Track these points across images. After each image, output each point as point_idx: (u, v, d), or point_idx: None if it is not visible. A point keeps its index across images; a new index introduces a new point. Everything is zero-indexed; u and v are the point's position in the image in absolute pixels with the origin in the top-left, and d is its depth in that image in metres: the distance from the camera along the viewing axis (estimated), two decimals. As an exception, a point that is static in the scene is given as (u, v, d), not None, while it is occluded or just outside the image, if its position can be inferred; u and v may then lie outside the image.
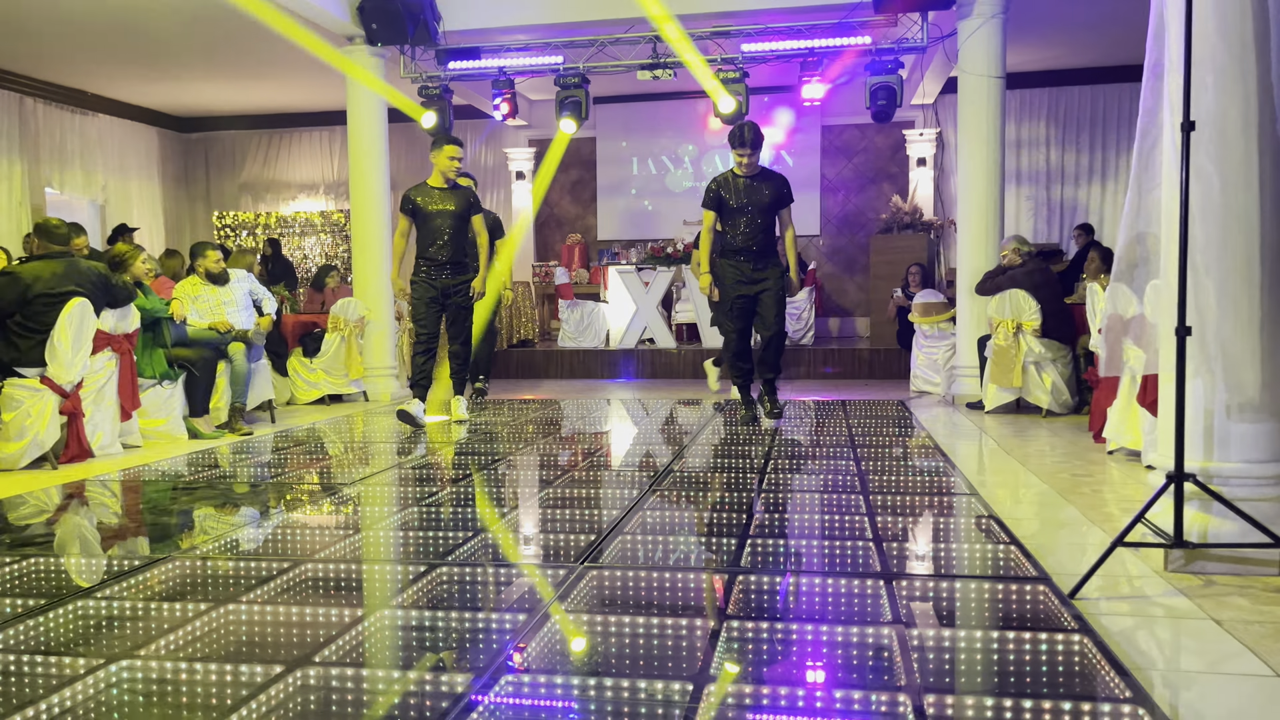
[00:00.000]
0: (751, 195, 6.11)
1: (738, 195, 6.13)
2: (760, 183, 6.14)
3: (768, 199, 6.12)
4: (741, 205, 6.11)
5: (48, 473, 5.16)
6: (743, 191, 6.12)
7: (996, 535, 3.35)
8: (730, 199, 6.13)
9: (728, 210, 6.13)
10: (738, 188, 6.14)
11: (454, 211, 6.45)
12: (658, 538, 3.40)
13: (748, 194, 6.11)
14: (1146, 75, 3.42)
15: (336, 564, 3.10)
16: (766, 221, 6.14)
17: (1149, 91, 3.42)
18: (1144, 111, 3.48)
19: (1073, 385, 6.94)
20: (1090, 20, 9.51)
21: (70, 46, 9.76)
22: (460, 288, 6.55)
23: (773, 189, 6.14)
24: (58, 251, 5.55)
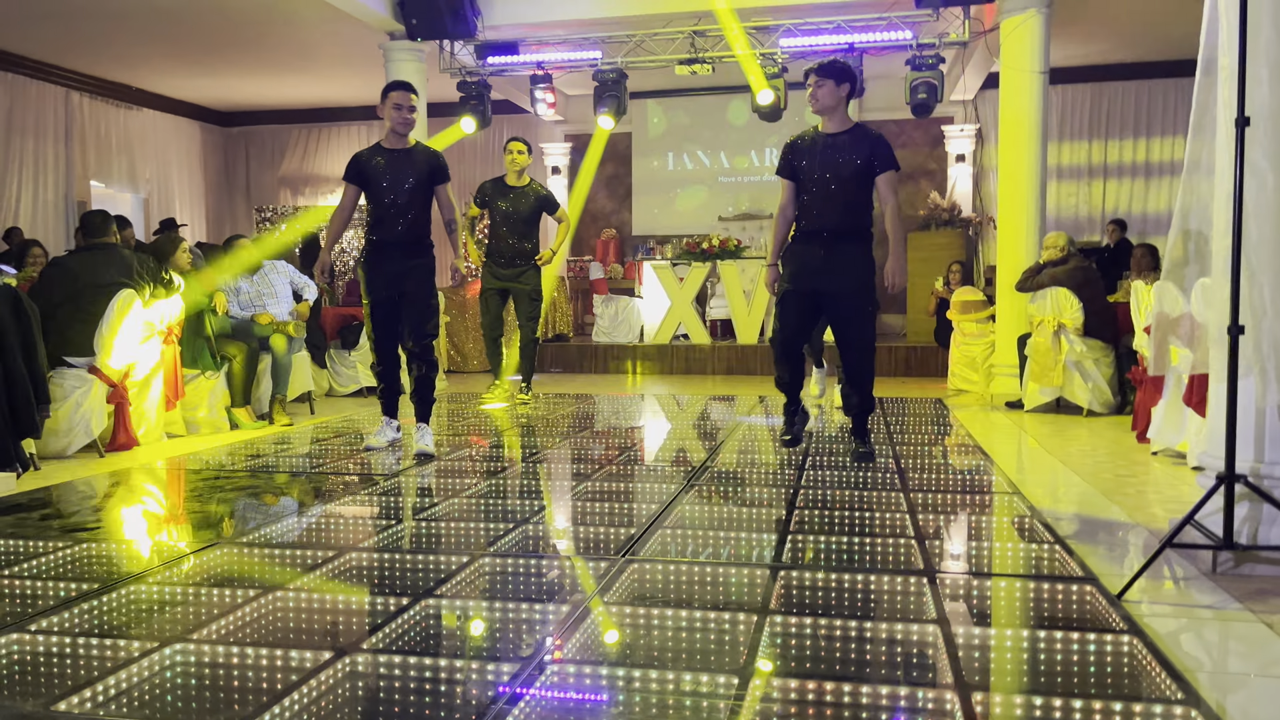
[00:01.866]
0: (829, 158, 4.56)
1: (813, 158, 4.59)
2: (849, 141, 4.58)
3: (853, 164, 4.52)
4: (815, 173, 4.58)
5: (95, 460, 5.25)
6: (819, 153, 4.58)
7: (1040, 535, 3.32)
8: (804, 162, 4.61)
9: (801, 180, 4.65)
10: (815, 148, 4.61)
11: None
12: (697, 532, 3.40)
13: (824, 156, 4.57)
14: (1200, 70, 3.37)
15: (380, 553, 3.13)
16: (849, 196, 4.56)
17: (1202, 87, 3.36)
18: (1196, 107, 3.42)
19: (1115, 385, 6.85)
20: (1135, 15, 9.36)
21: (115, 42, 9.92)
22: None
23: (862, 151, 4.54)
24: (103, 243, 5.65)
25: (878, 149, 4.56)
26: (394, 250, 5.06)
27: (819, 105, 4.60)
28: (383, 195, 5.03)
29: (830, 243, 4.57)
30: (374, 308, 5.12)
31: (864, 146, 4.55)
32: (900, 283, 4.64)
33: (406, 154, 5.08)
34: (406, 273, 5.06)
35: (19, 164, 10.65)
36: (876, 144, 4.57)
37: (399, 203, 5.02)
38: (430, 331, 5.15)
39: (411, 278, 5.08)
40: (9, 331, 4.77)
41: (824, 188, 4.56)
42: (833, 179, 4.54)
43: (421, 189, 5.08)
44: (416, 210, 5.08)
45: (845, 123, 4.65)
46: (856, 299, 4.61)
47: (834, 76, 4.56)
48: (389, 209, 5.03)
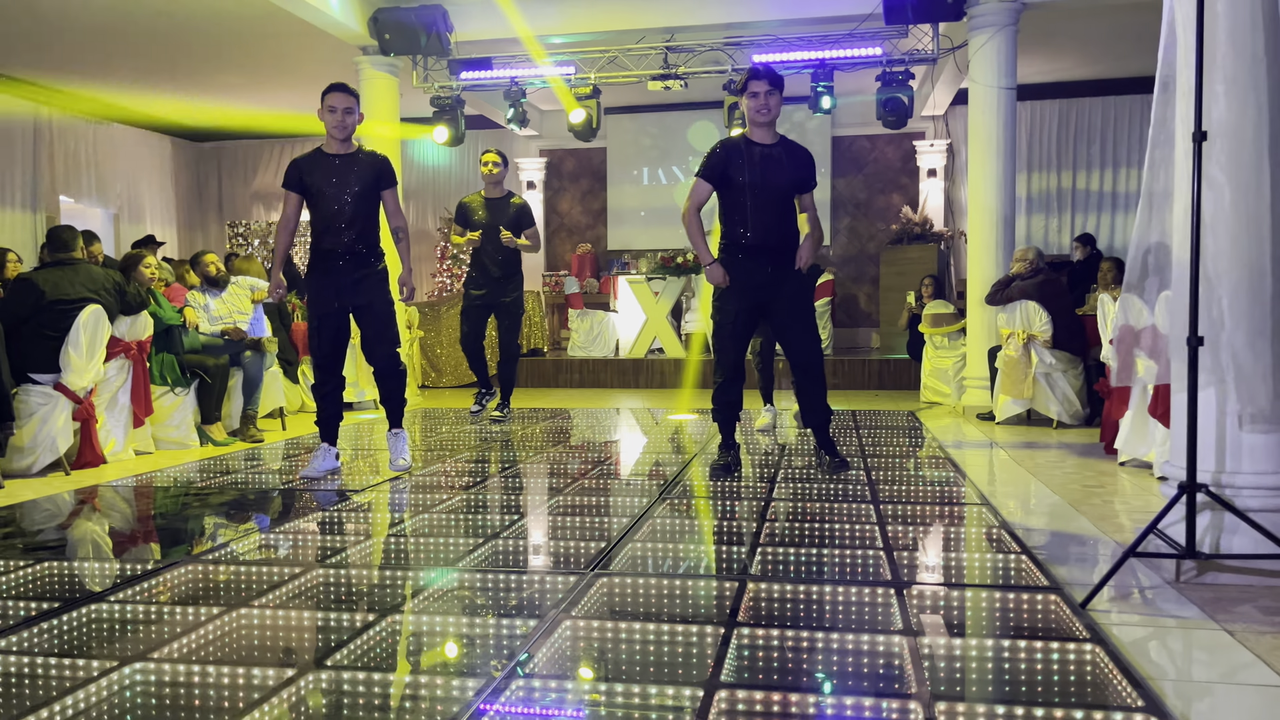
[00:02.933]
0: (770, 170, 4.50)
1: (753, 168, 4.49)
2: (783, 154, 4.56)
3: (789, 178, 4.54)
4: (754, 181, 4.49)
5: (61, 478, 5.19)
6: (759, 163, 4.49)
7: (1007, 545, 3.34)
8: (741, 172, 4.50)
9: (733, 188, 4.52)
10: (753, 157, 4.50)
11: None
12: (667, 545, 3.40)
13: (764, 167, 4.49)
14: (1158, 86, 3.43)
15: (347, 569, 3.11)
16: (786, 208, 4.58)
17: (1160, 103, 3.42)
18: (1155, 122, 3.48)
19: (1084, 396, 6.92)
20: (1100, 33, 9.52)
21: (85, 57, 9.85)
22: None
23: (798, 165, 4.58)
24: (71, 259, 5.59)
25: (809, 165, 4.65)
26: (342, 261, 4.78)
27: (770, 115, 4.49)
28: (327, 203, 4.76)
29: (773, 258, 4.56)
30: (320, 322, 4.83)
31: (798, 161, 4.60)
32: (808, 262, 4.63)
33: (350, 159, 4.81)
34: (357, 283, 4.80)
35: (-14, 179, 10.55)
36: (807, 160, 4.65)
37: (345, 210, 4.75)
38: (393, 339, 4.95)
39: (363, 288, 4.82)
40: (-28, 348, 4.72)
41: (763, 199, 4.50)
42: (772, 191, 4.51)
43: (368, 195, 4.81)
44: (364, 217, 4.81)
45: (775, 134, 4.62)
46: (804, 308, 4.67)
47: (780, 86, 4.52)
48: (335, 217, 4.76)
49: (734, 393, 4.75)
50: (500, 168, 6.86)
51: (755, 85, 4.48)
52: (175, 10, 8.33)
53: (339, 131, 4.78)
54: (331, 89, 4.81)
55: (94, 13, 8.41)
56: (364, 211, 4.83)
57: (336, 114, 4.75)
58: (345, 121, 4.78)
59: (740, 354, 4.71)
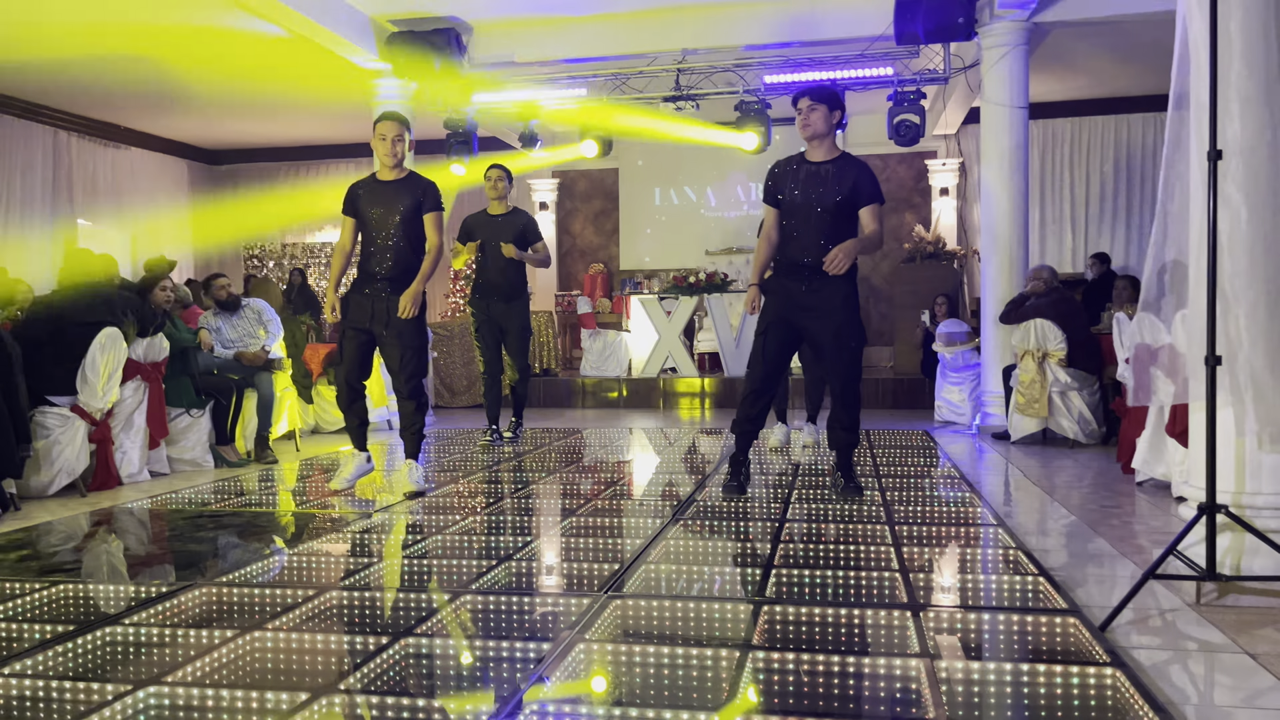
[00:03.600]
0: (813, 187, 4.45)
1: (795, 185, 4.47)
2: (834, 170, 4.47)
3: (837, 194, 4.41)
4: (798, 201, 4.46)
5: (77, 500, 5.21)
6: (803, 182, 4.47)
7: (1024, 567, 3.31)
8: (787, 190, 4.51)
9: (781, 206, 4.54)
10: (799, 176, 4.49)
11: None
12: (681, 567, 3.38)
13: (807, 185, 4.46)
14: (1171, 105, 3.42)
15: (360, 592, 3.10)
16: (832, 227, 4.43)
17: (1174, 120, 3.41)
18: (1169, 141, 3.47)
19: (1100, 415, 6.87)
20: (1112, 51, 9.52)
21: (103, 82, 9.97)
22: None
23: (846, 181, 4.43)
24: (87, 282, 5.64)
25: (862, 179, 4.46)
26: (381, 284, 4.94)
27: (811, 131, 4.49)
28: (372, 227, 4.97)
29: (811, 277, 4.45)
30: (349, 335, 4.96)
31: (848, 176, 4.45)
32: (837, 265, 4.31)
33: (397, 185, 4.99)
34: (391, 310, 4.92)
35: (5, 202, 10.66)
36: (861, 174, 4.47)
37: (387, 235, 4.94)
38: (418, 370, 5.00)
39: (395, 320, 4.91)
40: (-10, 371, 4.75)
41: (807, 217, 4.45)
42: (816, 208, 4.43)
43: (411, 220, 4.96)
44: (406, 243, 4.95)
45: (832, 151, 4.55)
46: (841, 332, 4.48)
47: (827, 102, 4.49)
48: (379, 241, 4.95)
49: (754, 409, 4.65)
50: (504, 182, 6.85)
51: (800, 102, 4.53)
52: (192, 39, 8.42)
53: (389, 159, 4.96)
54: (381, 117, 5.03)
55: (112, 42, 8.51)
56: (407, 236, 4.97)
57: (386, 141, 4.93)
58: (395, 149, 4.95)
59: (769, 370, 4.59)
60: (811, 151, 4.56)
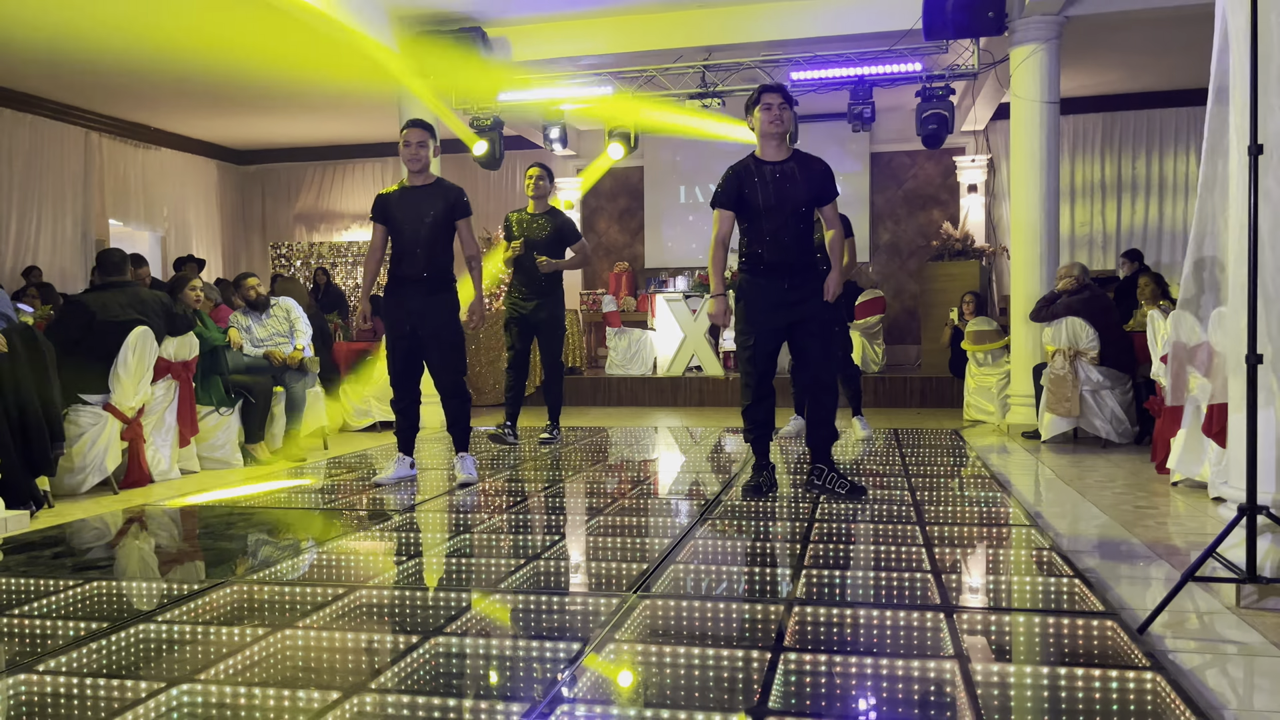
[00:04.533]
0: (785, 188, 4.46)
1: (765, 188, 4.47)
2: (796, 169, 4.50)
3: (805, 192, 4.48)
4: (771, 202, 4.46)
5: (109, 497, 5.26)
6: (771, 183, 4.46)
7: (1058, 568, 3.26)
8: (755, 194, 4.49)
9: (748, 211, 4.51)
10: (764, 177, 4.48)
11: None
12: (710, 566, 3.36)
13: (778, 186, 4.45)
14: (1212, 96, 3.35)
15: (390, 590, 3.11)
16: (803, 225, 4.51)
17: (1214, 114, 3.35)
18: (1209, 134, 3.41)
19: (1133, 414, 6.78)
20: (1144, 45, 9.39)
21: (133, 83, 10.07)
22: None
23: (813, 179, 4.50)
24: (120, 281, 5.69)
25: (826, 177, 4.55)
26: (413, 287, 5.08)
27: (783, 128, 4.47)
28: (402, 232, 5.10)
29: (792, 274, 4.48)
30: (393, 343, 5.17)
31: (814, 174, 4.51)
32: (835, 292, 4.57)
33: (426, 190, 5.14)
34: (426, 310, 5.08)
35: (38, 202, 10.80)
36: (825, 172, 4.55)
37: (418, 239, 5.07)
38: (457, 368, 5.20)
39: (431, 315, 5.09)
40: (25, 369, 4.81)
41: (780, 218, 4.45)
42: (788, 208, 4.46)
43: (441, 225, 5.11)
44: (436, 247, 5.10)
45: (787, 149, 4.58)
46: (825, 322, 4.57)
47: (791, 101, 4.51)
48: (408, 245, 5.09)
49: (760, 413, 4.64)
50: (544, 181, 6.84)
51: (768, 98, 4.48)
52: (218, 40, 8.48)
53: (413, 164, 5.11)
54: (407, 124, 5.22)
55: (141, 43, 8.59)
56: (437, 241, 5.11)
57: (411, 148, 5.10)
58: (419, 154, 5.09)
59: (763, 375, 4.60)
60: (769, 150, 4.53)
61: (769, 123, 4.47)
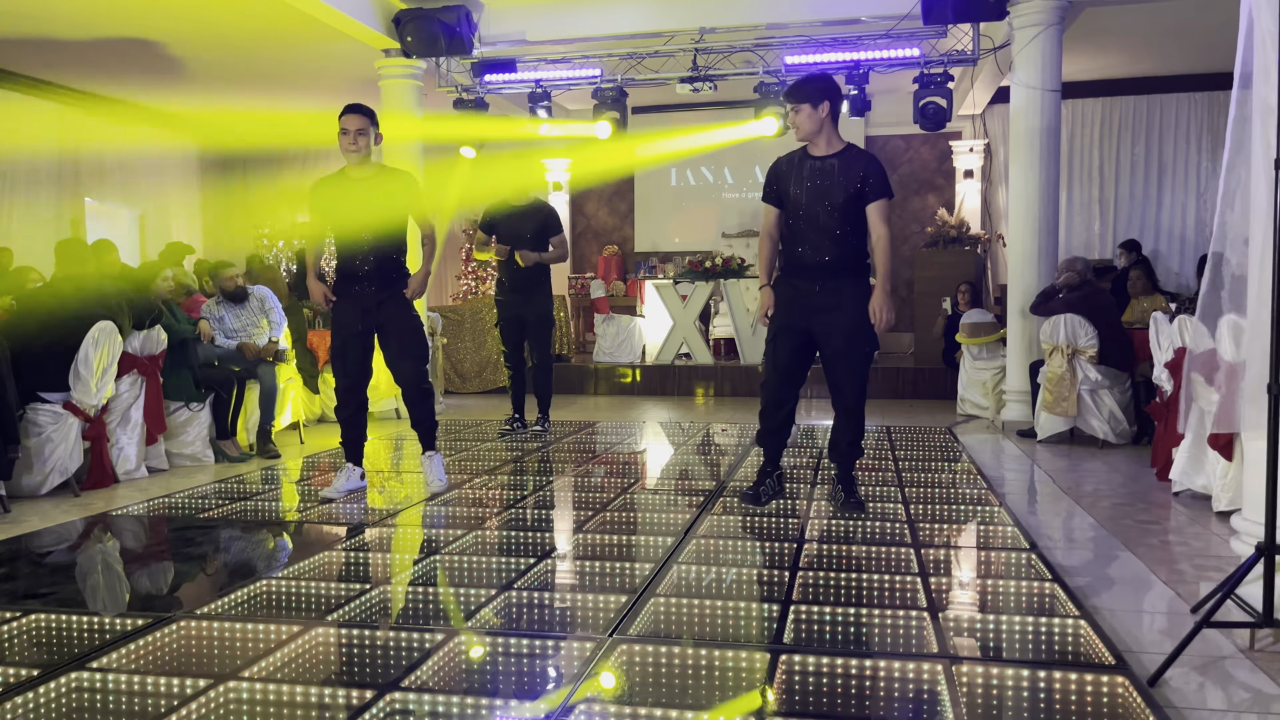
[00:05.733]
0: (820, 184, 4.19)
1: (800, 183, 4.23)
2: (836, 163, 4.22)
3: (844, 190, 4.16)
4: (804, 198, 4.21)
5: (69, 500, 5.05)
6: (808, 178, 4.22)
7: (1061, 605, 3.07)
8: (789, 188, 4.27)
9: (785, 204, 4.30)
10: (803, 172, 4.24)
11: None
12: (692, 601, 3.16)
13: (814, 181, 4.20)
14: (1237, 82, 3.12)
15: (348, 630, 2.90)
16: (840, 225, 4.19)
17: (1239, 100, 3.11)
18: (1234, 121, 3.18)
19: (1131, 414, 6.60)
20: (1146, 29, 9.14)
21: (109, 58, 9.74)
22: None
23: (853, 176, 4.17)
24: (82, 274, 5.45)
25: (870, 174, 4.17)
26: (364, 283, 4.72)
27: (801, 133, 4.25)
28: (346, 224, 4.70)
29: (824, 277, 4.20)
30: (343, 344, 4.74)
31: (855, 171, 4.17)
32: (888, 319, 4.20)
33: (370, 180, 4.70)
34: (381, 305, 4.73)
35: (11, 182, 10.47)
36: (869, 168, 4.19)
37: (365, 234, 4.67)
38: (419, 354, 4.83)
39: (385, 310, 4.74)
40: (-26, 371, 4.57)
41: (813, 216, 4.19)
42: (823, 206, 4.17)
43: (389, 215, 4.70)
44: (384, 239, 4.72)
45: (834, 144, 4.26)
46: (853, 337, 4.20)
47: (809, 99, 4.19)
48: (355, 238, 4.68)
49: (775, 419, 4.41)
50: None
51: (786, 105, 4.37)
52: (199, 15, 8.18)
53: (352, 153, 4.64)
54: (345, 110, 4.69)
55: (116, 19, 8.29)
56: (385, 232, 4.72)
57: (349, 135, 4.62)
58: (358, 142, 4.62)
59: (783, 377, 4.33)
60: (812, 146, 4.30)
61: (791, 128, 4.32)
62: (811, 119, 4.20)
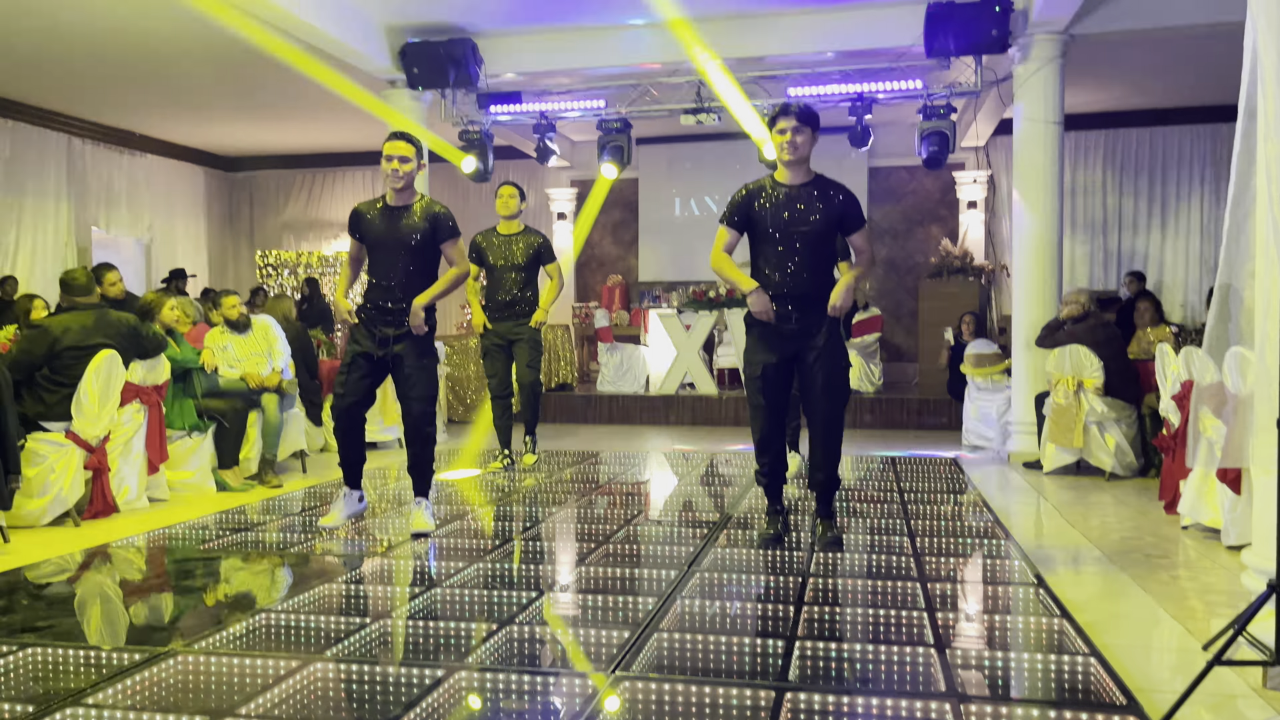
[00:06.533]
0: (795, 213, 4.15)
1: (776, 211, 4.17)
2: (813, 193, 4.19)
3: (821, 221, 4.15)
4: (780, 227, 4.16)
5: (70, 530, 5.02)
6: (782, 206, 4.16)
7: (1071, 643, 3.03)
8: (765, 216, 4.19)
9: (757, 234, 4.23)
10: (777, 200, 4.19)
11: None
12: (696, 636, 3.12)
13: (789, 210, 4.16)
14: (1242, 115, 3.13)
15: (346, 665, 2.86)
16: (816, 256, 4.19)
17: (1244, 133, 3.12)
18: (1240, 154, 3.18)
19: (1138, 446, 6.56)
20: (1149, 62, 9.20)
21: (117, 88, 9.84)
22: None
23: (831, 208, 4.16)
24: (85, 303, 5.45)
25: (848, 207, 4.19)
26: (387, 312, 4.67)
27: (797, 154, 4.15)
28: (379, 253, 4.72)
29: (796, 309, 4.18)
30: (350, 360, 4.70)
31: (832, 203, 4.17)
32: (843, 306, 4.16)
33: (404, 210, 4.68)
34: (397, 338, 4.66)
35: (19, 211, 10.54)
36: (846, 201, 4.19)
37: (394, 262, 4.67)
38: (427, 397, 4.72)
39: (402, 342, 4.66)
40: (-24, 401, 4.56)
41: (789, 246, 4.15)
42: (800, 237, 4.14)
43: (420, 249, 4.68)
44: (412, 271, 4.68)
45: (808, 174, 4.24)
46: (830, 365, 4.22)
47: (811, 123, 4.16)
48: (385, 268, 4.69)
49: (770, 454, 4.37)
50: (516, 199, 6.63)
51: (784, 121, 4.16)
52: (205, 45, 8.26)
53: (395, 182, 4.65)
54: (390, 137, 4.71)
55: (126, 48, 8.37)
56: (414, 265, 4.69)
57: (393, 162, 4.63)
58: (401, 170, 4.63)
59: (772, 408, 4.30)
60: (788, 174, 4.22)
61: (782, 148, 4.18)
62: (809, 143, 4.19)
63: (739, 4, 7.51)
